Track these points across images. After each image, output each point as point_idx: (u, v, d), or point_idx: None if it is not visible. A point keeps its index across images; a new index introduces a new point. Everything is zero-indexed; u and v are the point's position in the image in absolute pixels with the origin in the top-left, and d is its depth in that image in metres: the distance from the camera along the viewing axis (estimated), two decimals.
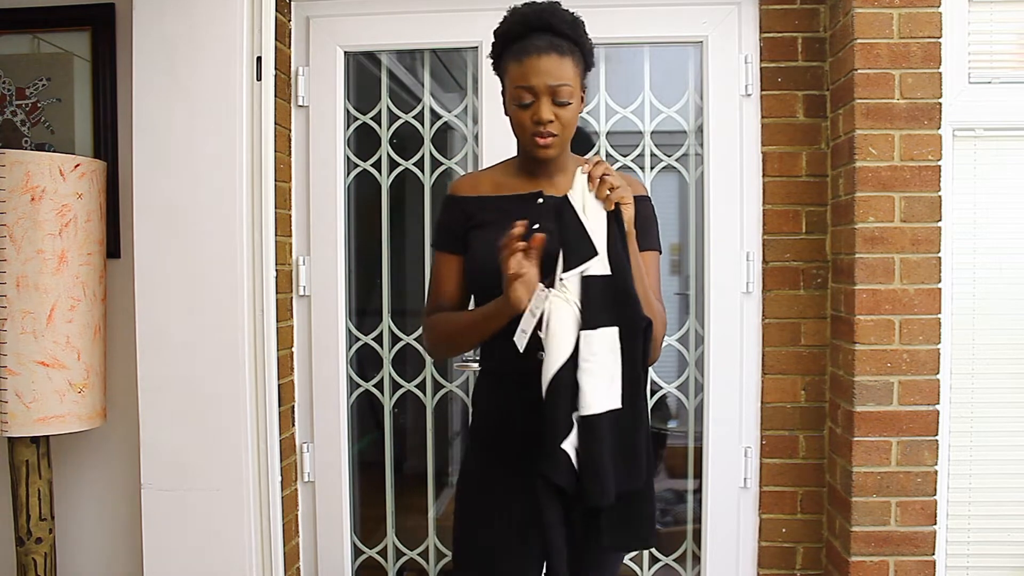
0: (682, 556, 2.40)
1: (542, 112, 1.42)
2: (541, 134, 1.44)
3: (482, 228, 1.52)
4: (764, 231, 2.26)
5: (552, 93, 1.42)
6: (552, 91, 1.42)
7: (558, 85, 1.42)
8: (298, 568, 2.37)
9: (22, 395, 1.93)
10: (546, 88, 1.42)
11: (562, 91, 1.42)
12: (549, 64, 1.42)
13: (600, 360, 1.35)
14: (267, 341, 2.03)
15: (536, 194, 1.51)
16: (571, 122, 1.46)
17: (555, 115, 1.43)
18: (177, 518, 2.03)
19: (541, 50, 1.42)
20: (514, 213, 1.48)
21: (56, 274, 1.95)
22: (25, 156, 1.93)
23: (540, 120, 1.43)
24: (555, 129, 1.44)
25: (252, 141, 2.01)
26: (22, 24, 2.22)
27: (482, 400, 1.58)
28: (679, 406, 2.41)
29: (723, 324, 2.28)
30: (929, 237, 2.01)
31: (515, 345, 1.41)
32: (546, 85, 1.42)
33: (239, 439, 2.01)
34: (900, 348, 2.01)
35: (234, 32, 1.99)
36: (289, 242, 2.34)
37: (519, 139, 1.49)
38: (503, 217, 1.50)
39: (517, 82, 1.44)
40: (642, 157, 2.34)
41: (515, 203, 1.51)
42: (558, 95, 1.42)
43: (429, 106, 2.38)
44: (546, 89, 1.42)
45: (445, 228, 1.59)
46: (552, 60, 1.42)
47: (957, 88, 2.12)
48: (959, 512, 2.16)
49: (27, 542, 2.02)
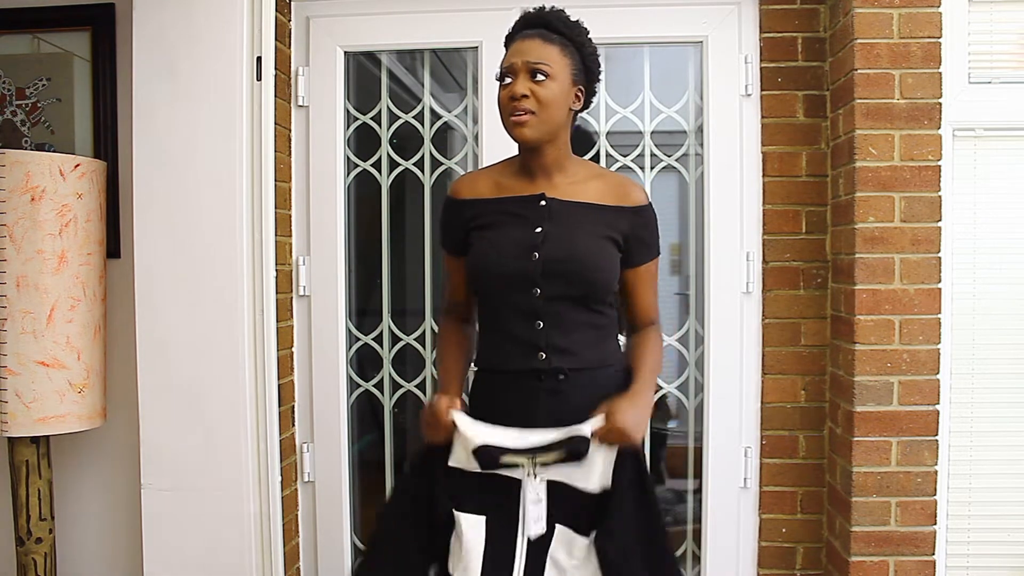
0: (682, 556, 2.40)
1: (516, 86, 1.43)
2: (516, 110, 1.43)
3: (482, 230, 1.52)
4: (764, 231, 2.26)
5: (529, 70, 1.43)
6: (529, 68, 1.43)
7: (535, 62, 1.43)
8: (298, 568, 2.37)
9: (22, 395, 1.93)
10: (523, 64, 1.44)
11: (539, 67, 1.43)
12: (530, 45, 1.45)
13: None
14: (267, 341, 2.03)
15: (538, 196, 1.51)
16: (549, 101, 1.44)
17: (531, 91, 1.43)
18: (177, 518, 2.03)
19: (527, 36, 1.47)
20: (516, 214, 1.49)
21: (56, 274, 1.95)
22: (25, 156, 1.93)
23: (514, 94, 1.43)
24: (530, 105, 1.43)
25: (252, 141, 2.01)
26: (22, 24, 2.22)
27: (477, 399, 1.58)
28: (679, 406, 2.41)
29: (723, 324, 2.28)
30: (929, 237, 2.01)
31: (510, 348, 1.46)
32: (523, 61, 1.43)
33: (239, 439, 2.01)
34: (900, 348, 2.01)
35: (234, 32, 1.99)
36: (289, 242, 2.34)
37: (504, 125, 1.48)
38: (504, 218, 1.50)
39: (502, 66, 1.48)
40: (642, 157, 2.34)
41: (517, 205, 1.52)
42: (535, 70, 1.43)
43: (429, 106, 2.38)
44: (523, 65, 1.44)
45: (445, 230, 1.61)
46: (534, 43, 1.45)
47: (957, 88, 2.12)
48: (959, 512, 2.16)
49: (27, 542, 2.02)
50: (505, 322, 1.51)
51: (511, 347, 1.49)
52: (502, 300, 1.50)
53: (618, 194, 1.52)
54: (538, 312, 1.47)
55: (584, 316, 1.50)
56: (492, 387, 1.55)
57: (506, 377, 1.51)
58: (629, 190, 1.54)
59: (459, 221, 1.56)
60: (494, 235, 1.50)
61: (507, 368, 1.50)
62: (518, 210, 1.50)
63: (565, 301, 1.47)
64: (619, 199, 1.52)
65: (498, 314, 1.52)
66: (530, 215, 1.49)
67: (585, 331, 1.50)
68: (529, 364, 1.46)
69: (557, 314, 1.47)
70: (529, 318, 1.48)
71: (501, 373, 1.52)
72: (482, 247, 1.51)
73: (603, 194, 1.52)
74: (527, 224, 1.49)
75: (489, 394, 1.55)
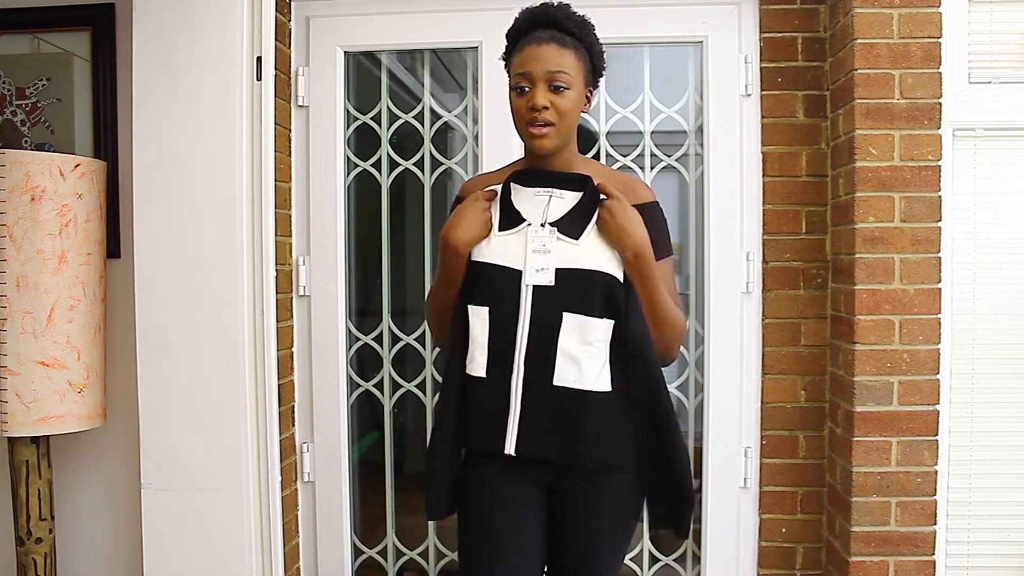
0: (682, 556, 2.40)
1: (537, 98, 1.41)
2: (535, 121, 1.42)
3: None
4: (764, 231, 2.26)
5: (549, 80, 1.41)
6: (549, 78, 1.41)
7: (555, 71, 1.41)
8: (298, 568, 2.37)
9: (22, 395, 1.93)
10: (543, 74, 1.41)
11: (559, 77, 1.41)
12: (548, 52, 1.42)
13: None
14: (267, 341, 2.02)
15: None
16: (568, 111, 1.43)
17: (551, 102, 1.42)
18: (177, 518, 2.03)
19: (542, 40, 1.43)
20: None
21: (56, 274, 1.95)
22: (25, 156, 1.93)
23: (535, 105, 1.41)
24: (551, 117, 1.42)
25: (252, 141, 2.01)
26: (22, 24, 2.22)
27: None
28: (679, 406, 2.40)
29: (723, 324, 2.28)
30: (929, 237, 2.01)
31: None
32: (543, 71, 1.41)
33: (239, 439, 2.01)
34: (900, 348, 2.01)
35: (234, 32, 1.99)
36: (289, 242, 2.34)
37: (519, 131, 1.48)
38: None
39: (516, 70, 1.45)
40: (642, 157, 2.34)
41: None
42: (554, 81, 1.41)
43: (429, 106, 2.38)
44: (543, 75, 1.41)
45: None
46: (551, 49, 1.42)
47: (957, 88, 2.12)
48: (959, 512, 2.16)
49: (27, 542, 2.02)
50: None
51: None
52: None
53: (624, 193, 1.49)
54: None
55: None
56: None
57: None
58: (635, 188, 1.53)
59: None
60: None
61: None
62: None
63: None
64: (626, 198, 1.49)
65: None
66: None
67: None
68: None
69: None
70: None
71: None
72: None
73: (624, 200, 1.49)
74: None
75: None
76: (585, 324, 1.41)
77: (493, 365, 1.43)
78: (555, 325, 1.41)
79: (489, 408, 1.44)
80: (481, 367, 1.44)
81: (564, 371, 1.41)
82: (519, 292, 1.42)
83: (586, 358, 1.42)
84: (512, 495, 1.48)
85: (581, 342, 1.42)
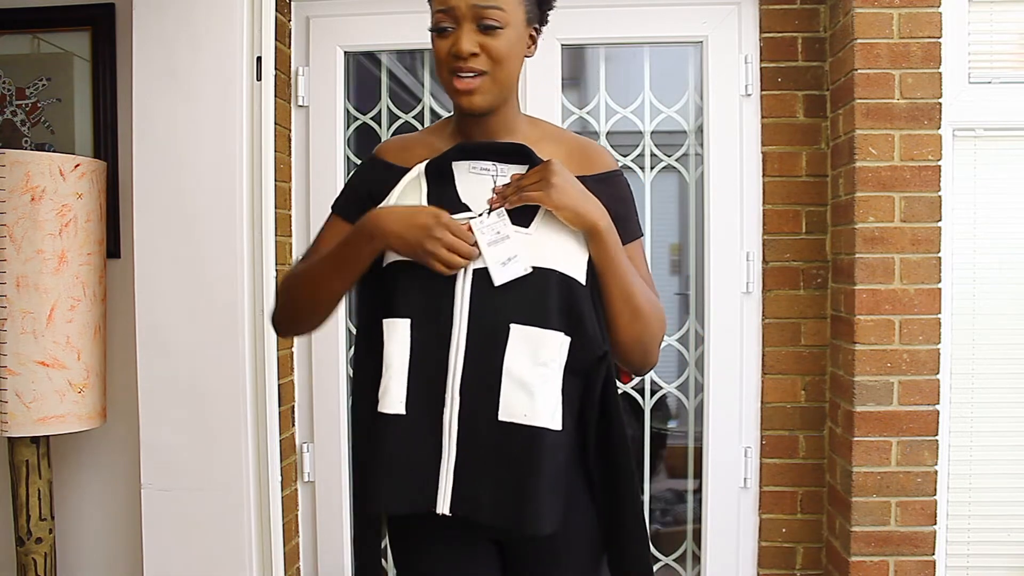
0: (682, 556, 2.40)
1: (462, 41, 1.11)
2: (460, 71, 1.13)
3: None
4: (764, 231, 2.26)
5: (477, 16, 1.12)
6: (477, 14, 1.12)
7: (485, 6, 1.11)
8: (298, 568, 2.37)
9: (22, 395, 1.93)
10: (468, 8, 1.11)
11: (490, 14, 1.11)
12: None
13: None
14: (267, 341, 2.02)
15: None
16: (504, 56, 1.13)
17: (481, 46, 1.12)
18: (177, 518, 2.03)
19: None
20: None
21: (56, 274, 1.95)
22: (25, 156, 1.93)
23: (459, 52, 1.12)
24: (481, 64, 1.13)
25: (252, 141, 2.01)
26: (22, 24, 2.22)
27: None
28: (679, 406, 2.41)
29: (723, 324, 2.28)
30: (929, 237, 2.01)
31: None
32: (469, 5, 1.11)
33: (239, 439, 2.01)
34: (900, 348, 2.01)
35: (234, 32, 1.99)
36: (289, 242, 2.34)
37: (442, 84, 1.18)
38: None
39: (436, 6, 1.15)
40: (642, 157, 2.34)
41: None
42: (484, 18, 1.12)
43: (429, 106, 2.38)
44: (468, 10, 1.11)
45: (352, 191, 1.29)
46: None
47: (957, 88, 2.12)
48: (959, 512, 2.16)
49: (27, 542, 2.02)
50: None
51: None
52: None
53: (580, 160, 1.21)
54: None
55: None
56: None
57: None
58: (592, 154, 1.23)
59: (377, 188, 1.22)
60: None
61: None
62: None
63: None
64: (581, 167, 1.19)
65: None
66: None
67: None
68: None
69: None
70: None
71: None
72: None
73: (561, 161, 1.16)
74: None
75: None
76: (538, 339, 1.09)
77: (416, 397, 1.11)
78: (500, 341, 1.10)
79: (410, 455, 1.11)
80: (398, 402, 1.10)
81: (512, 402, 1.09)
82: (452, 298, 1.11)
83: (539, 383, 1.09)
84: (455, 565, 1.19)
85: (533, 362, 1.09)
